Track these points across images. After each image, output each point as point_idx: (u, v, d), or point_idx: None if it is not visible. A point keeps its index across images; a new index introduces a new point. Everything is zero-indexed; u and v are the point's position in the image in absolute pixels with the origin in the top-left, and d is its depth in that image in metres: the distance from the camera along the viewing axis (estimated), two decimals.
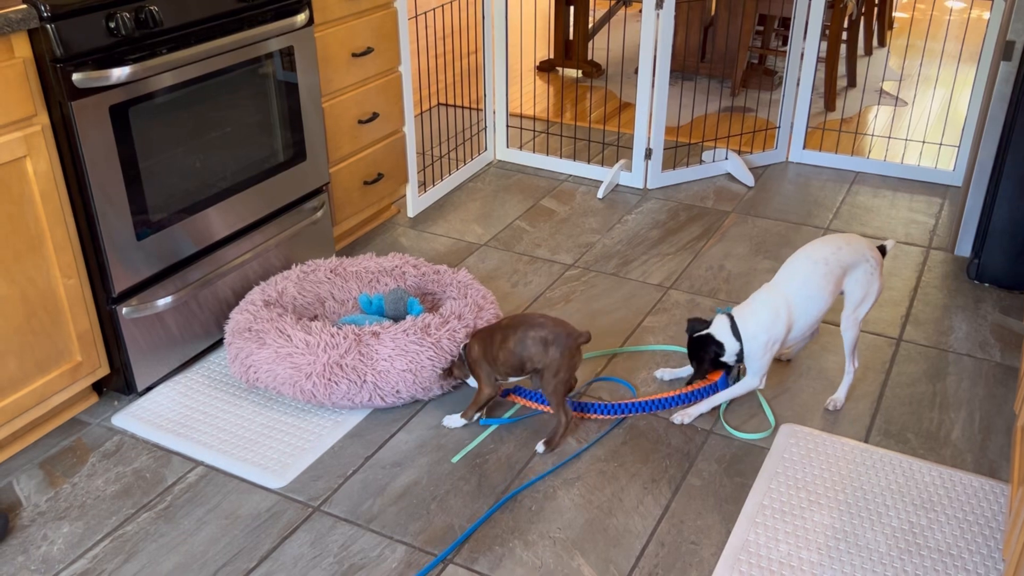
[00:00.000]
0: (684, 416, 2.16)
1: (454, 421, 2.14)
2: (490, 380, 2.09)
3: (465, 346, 2.13)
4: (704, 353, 2.13)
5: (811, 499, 1.92)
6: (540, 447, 2.07)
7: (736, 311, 2.12)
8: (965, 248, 2.87)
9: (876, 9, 4.94)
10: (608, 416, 2.17)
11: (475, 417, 2.15)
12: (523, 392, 2.21)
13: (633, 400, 2.19)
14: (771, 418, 2.18)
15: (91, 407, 2.23)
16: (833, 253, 2.09)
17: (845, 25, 4.18)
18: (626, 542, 1.84)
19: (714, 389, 2.20)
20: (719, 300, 2.67)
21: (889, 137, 3.82)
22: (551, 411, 2.11)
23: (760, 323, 2.08)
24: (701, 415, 2.17)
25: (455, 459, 2.06)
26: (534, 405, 2.19)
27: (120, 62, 1.96)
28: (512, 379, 2.11)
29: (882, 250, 2.16)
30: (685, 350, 2.40)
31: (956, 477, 1.98)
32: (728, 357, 2.12)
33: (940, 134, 3.83)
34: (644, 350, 2.44)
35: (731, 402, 2.23)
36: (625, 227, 3.12)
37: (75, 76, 1.88)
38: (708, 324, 2.15)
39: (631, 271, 2.84)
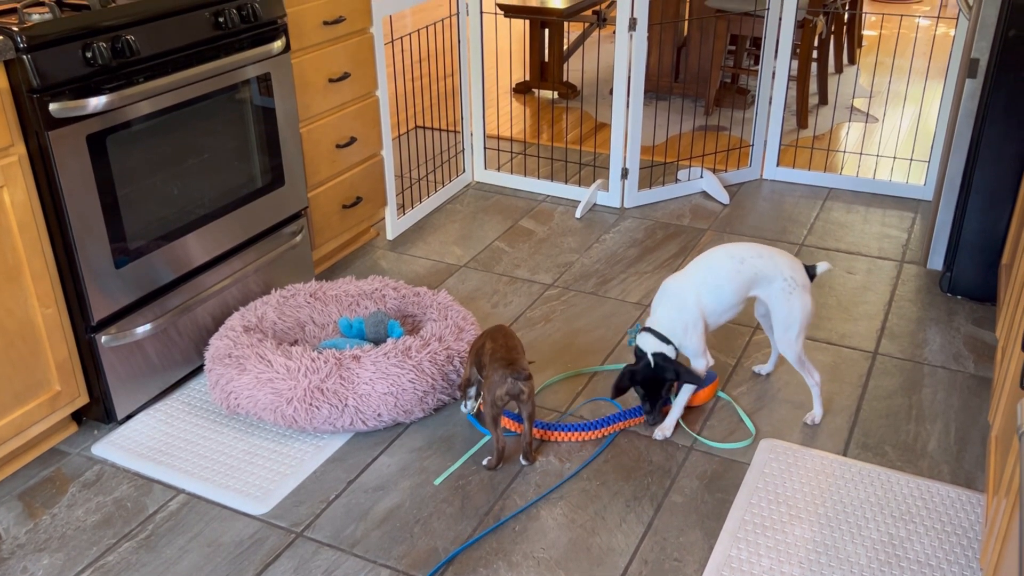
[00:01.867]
0: (663, 431, 2.17)
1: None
2: (474, 376, 2.19)
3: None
4: (663, 376, 2.09)
5: (792, 513, 1.94)
6: (484, 462, 2.11)
7: (648, 320, 2.14)
8: (937, 261, 2.92)
9: (845, 28, 5.03)
10: (569, 434, 2.18)
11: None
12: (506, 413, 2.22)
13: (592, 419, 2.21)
14: (751, 427, 2.20)
15: (71, 436, 2.22)
16: (751, 257, 2.12)
17: (815, 44, 4.25)
18: (610, 560, 1.85)
19: (666, 400, 2.21)
20: None
21: (861, 153, 3.88)
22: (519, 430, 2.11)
23: (670, 315, 2.10)
24: (668, 434, 2.18)
25: (437, 481, 2.06)
26: (514, 426, 2.20)
27: (97, 91, 1.97)
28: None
29: (811, 271, 2.16)
30: None
31: (934, 488, 2.01)
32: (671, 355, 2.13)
33: (911, 150, 3.90)
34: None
35: (711, 416, 2.25)
36: (603, 246, 3.15)
37: (52, 106, 1.88)
38: (639, 360, 2.13)
39: (610, 290, 2.86)
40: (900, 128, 4.17)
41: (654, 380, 2.11)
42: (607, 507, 1.98)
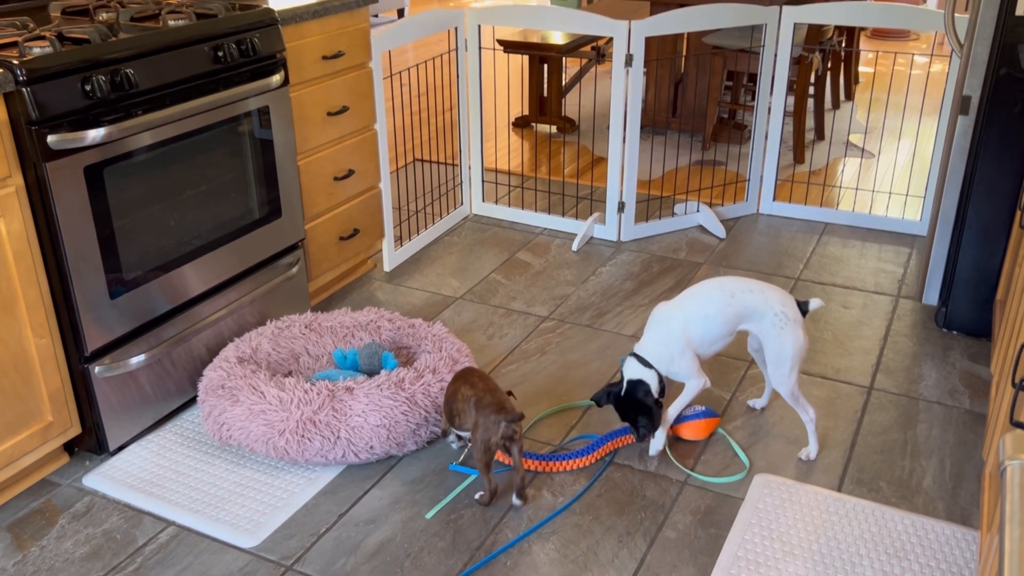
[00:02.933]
0: (654, 446, 2.18)
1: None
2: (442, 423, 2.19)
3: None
4: (639, 400, 2.13)
5: (785, 549, 1.93)
6: (476, 496, 2.10)
7: (636, 346, 2.18)
8: (932, 296, 2.92)
9: (842, 64, 5.08)
10: (545, 464, 2.18)
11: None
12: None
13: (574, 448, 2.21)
14: (745, 460, 2.19)
15: (62, 467, 2.21)
16: (741, 291, 2.13)
17: (812, 80, 4.29)
18: None
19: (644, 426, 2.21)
20: None
21: (857, 188, 3.90)
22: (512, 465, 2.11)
23: (656, 342, 2.13)
24: (660, 446, 2.19)
25: (429, 515, 2.05)
26: (505, 457, 2.19)
27: (95, 123, 1.99)
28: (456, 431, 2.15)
29: (803, 306, 2.16)
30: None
31: (928, 525, 1.99)
32: (655, 388, 2.14)
33: (906, 185, 3.92)
34: None
35: (706, 450, 2.24)
36: (599, 279, 3.15)
37: (50, 138, 1.90)
38: (616, 385, 2.18)
39: (606, 323, 2.86)
40: (896, 164, 4.20)
41: (626, 404, 2.15)
42: (600, 542, 1.97)
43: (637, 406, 2.14)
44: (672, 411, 2.20)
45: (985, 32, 2.51)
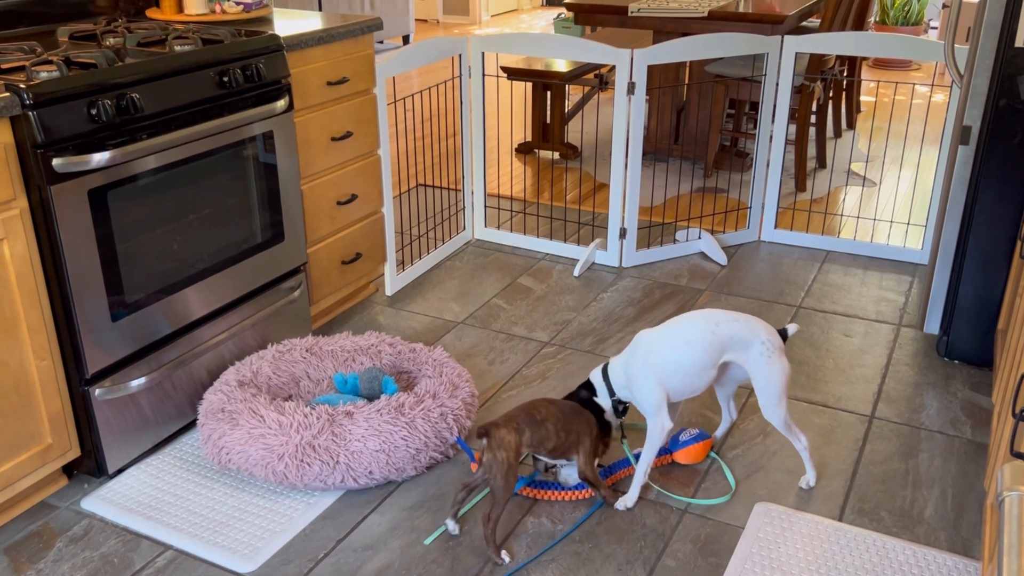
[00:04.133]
0: (625, 502, 2.14)
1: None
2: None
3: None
4: (579, 397, 2.19)
5: None
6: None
7: (612, 359, 2.22)
8: (934, 325, 2.92)
9: (844, 93, 5.11)
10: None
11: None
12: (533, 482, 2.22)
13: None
14: (731, 481, 2.19)
15: (60, 490, 2.20)
16: (726, 320, 2.10)
17: (814, 108, 4.31)
18: None
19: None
20: None
21: (859, 217, 3.91)
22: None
23: (622, 361, 2.17)
24: (631, 503, 2.15)
25: (428, 541, 2.04)
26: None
27: (100, 147, 2.00)
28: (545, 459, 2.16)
29: (783, 334, 2.16)
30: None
31: (930, 556, 1.98)
32: (602, 399, 2.17)
33: (908, 214, 3.93)
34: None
35: (704, 479, 2.23)
36: (601, 305, 3.15)
37: (55, 161, 1.91)
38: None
39: (607, 348, 2.86)
40: (897, 192, 4.21)
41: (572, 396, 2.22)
42: (599, 570, 1.96)
43: (580, 403, 2.18)
44: (641, 466, 2.14)
45: (985, 63, 2.53)
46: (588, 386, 2.21)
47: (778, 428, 2.15)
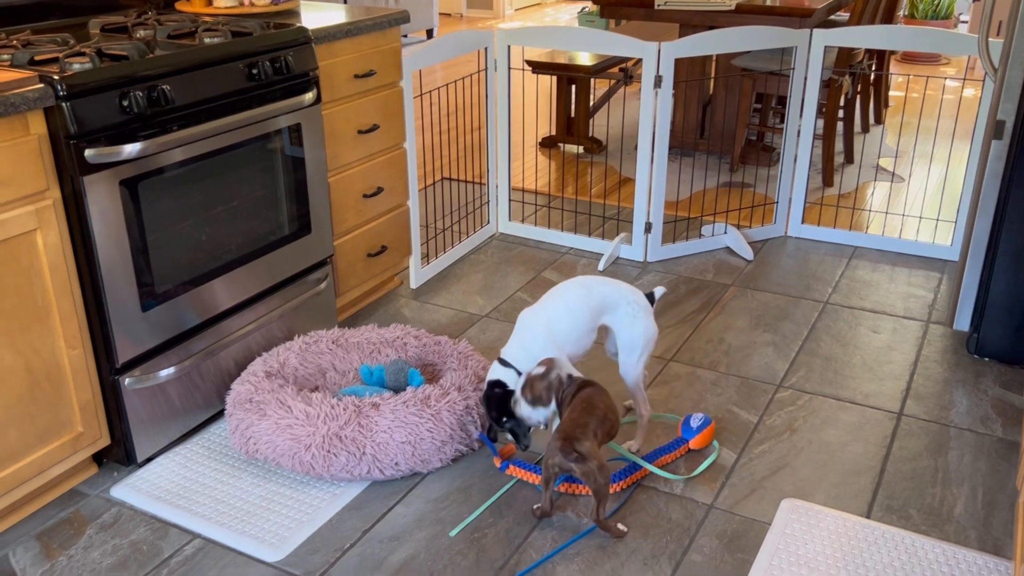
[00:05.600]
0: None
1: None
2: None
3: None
4: (497, 398, 2.16)
5: None
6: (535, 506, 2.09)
7: (502, 350, 2.22)
8: (964, 322, 2.88)
9: (872, 88, 5.05)
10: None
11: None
12: (521, 463, 2.21)
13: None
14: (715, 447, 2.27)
15: (90, 478, 2.23)
16: (597, 284, 2.24)
17: (841, 103, 4.27)
18: None
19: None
20: (720, 373, 2.68)
21: (887, 212, 3.87)
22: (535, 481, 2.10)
23: (518, 344, 2.19)
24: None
25: (453, 533, 2.04)
26: (532, 478, 2.19)
27: (132, 138, 2.02)
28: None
29: (650, 297, 2.28)
30: (679, 418, 2.42)
31: (960, 554, 1.96)
32: (516, 385, 2.16)
33: (937, 210, 3.88)
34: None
35: (732, 475, 2.22)
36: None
37: (87, 152, 1.93)
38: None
39: None
40: (927, 188, 4.16)
41: (487, 405, 2.19)
42: (624, 565, 1.95)
43: (497, 405, 2.16)
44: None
45: (1020, 56, 2.49)
46: (497, 384, 2.17)
47: (629, 387, 2.25)
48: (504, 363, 2.19)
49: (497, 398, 2.16)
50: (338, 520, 2.09)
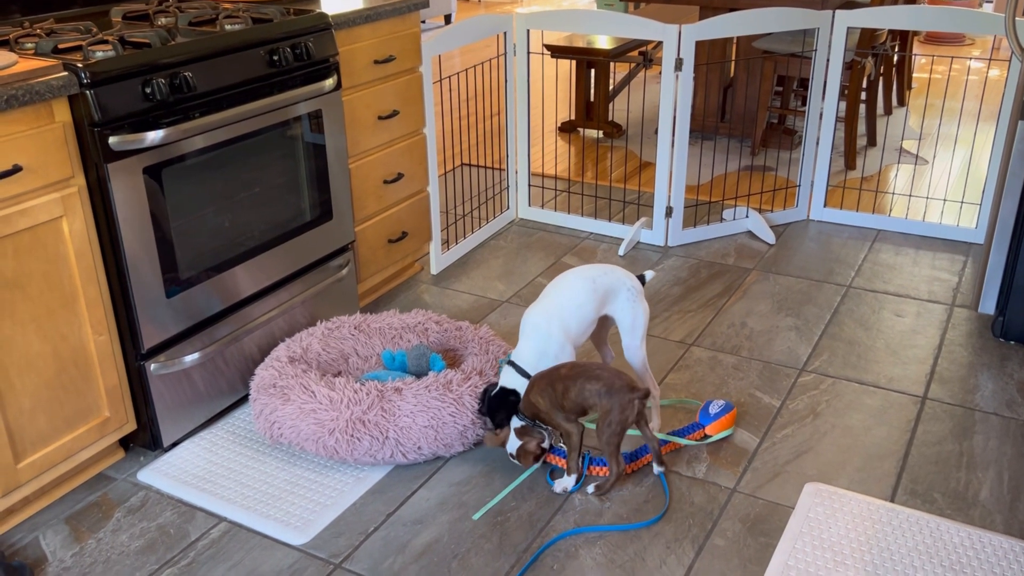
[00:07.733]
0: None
1: (566, 483, 2.11)
2: (569, 420, 2.08)
3: (519, 406, 2.12)
4: (500, 407, 2.15)
5: (837, 560, 1.90)
6: (591, 489, 2.10)
7: (513, 354, 2.19)
8: (989, 306, 2.86)
9: (895, 69, 4.99)
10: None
11: (579, 463, 2.13)
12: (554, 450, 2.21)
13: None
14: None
15: (117, 462, 2.25)
16: (599, 275, 2.22)
17: (864, 85, 4.22)
18: None
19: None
20: (742, 357, 2.67)
21: (910, 195, 3.84)
22: (567, 464, 2.10)
23: (533, 349, 2.16)
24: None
25: (476, 516, 2.06)
26: (558, 461, 2.19)
27: (155, 125, 2.03)
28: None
29: (641, 279, 2.29)
30: (700, 403, 2.42)
31: (985, 538, 1.95)
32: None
33: (961, 192, 3.84)
34: (665, 405, 2.44)
35: (755, 459, 2.21)
36: (646, 285, 3.13)
37: (111, 139, 1.94)
38: (493, 387, 2.20)
39: (653, 328, 2.85)
40: (951, 171, 4.12)
41: (494, 404, 2.16)
42: (647, 548, 1.96)
43: (505, 407, 2.15)
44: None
45: None
46: (510, 392, 2.15)
47: (636, 368, 2.26)
48: (521, 372, 2.15)
49: (512, 405, 2.15)
50: (362, 504, 2.10)
